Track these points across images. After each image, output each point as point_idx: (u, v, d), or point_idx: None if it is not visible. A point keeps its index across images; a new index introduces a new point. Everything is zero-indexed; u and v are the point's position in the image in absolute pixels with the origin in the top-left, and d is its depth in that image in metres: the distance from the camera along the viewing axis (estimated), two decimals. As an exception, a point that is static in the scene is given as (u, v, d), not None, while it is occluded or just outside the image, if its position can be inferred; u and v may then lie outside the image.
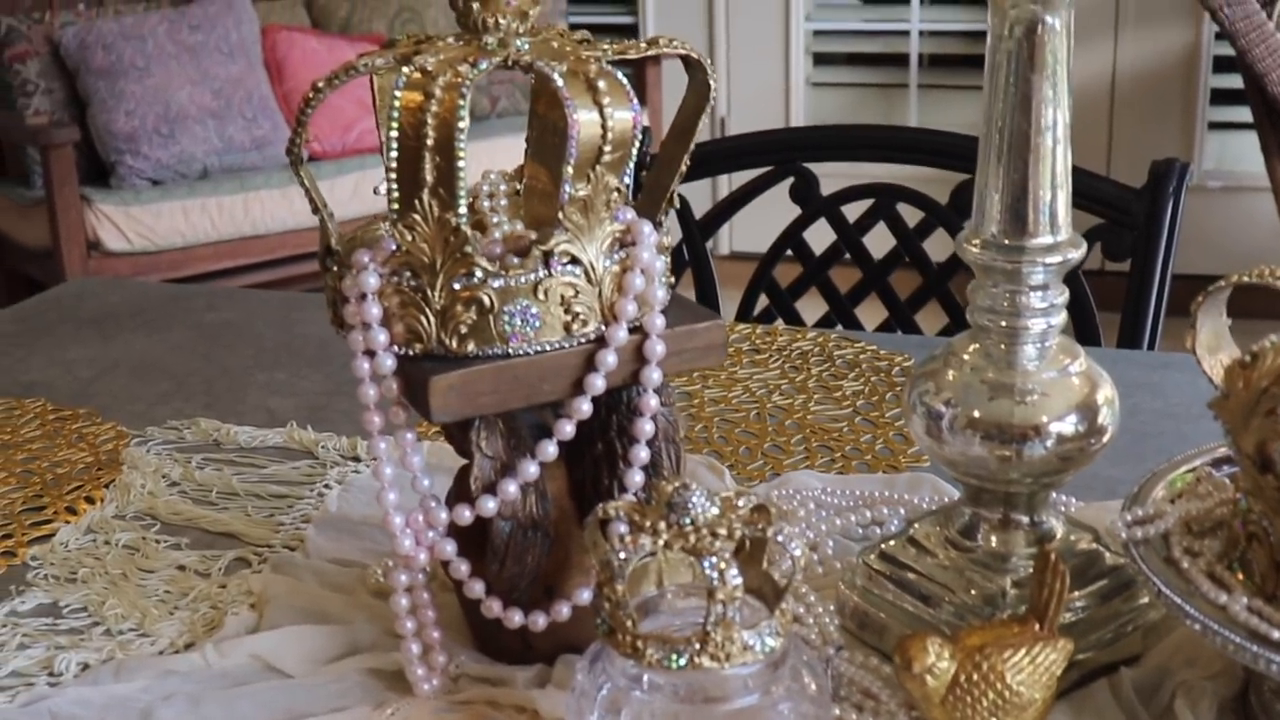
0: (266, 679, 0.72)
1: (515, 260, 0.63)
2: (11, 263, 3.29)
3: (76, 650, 0.75)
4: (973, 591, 0.70)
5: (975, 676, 0.61)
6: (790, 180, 1.43)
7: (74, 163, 2.97)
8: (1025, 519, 0.73)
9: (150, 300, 1.36)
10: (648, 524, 0.59)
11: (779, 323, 1.44)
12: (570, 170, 0.62)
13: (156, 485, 0.94)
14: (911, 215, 1.39)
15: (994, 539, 0.72)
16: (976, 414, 0.69)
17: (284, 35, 3.47)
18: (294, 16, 3.65)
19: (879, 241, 1.40)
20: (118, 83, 3.13)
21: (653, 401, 0.67)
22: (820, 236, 1.41)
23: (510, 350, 0.64)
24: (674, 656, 0.57)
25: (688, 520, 0.58)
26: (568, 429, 0.66)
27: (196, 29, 3.26)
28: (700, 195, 1.45)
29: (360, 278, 0.64)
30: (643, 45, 0.68)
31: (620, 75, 0.63)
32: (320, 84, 0.65)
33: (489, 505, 0.66)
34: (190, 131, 3.18)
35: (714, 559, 0.57)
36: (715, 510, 0.59)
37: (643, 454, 0.67)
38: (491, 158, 3.67)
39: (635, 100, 0.63)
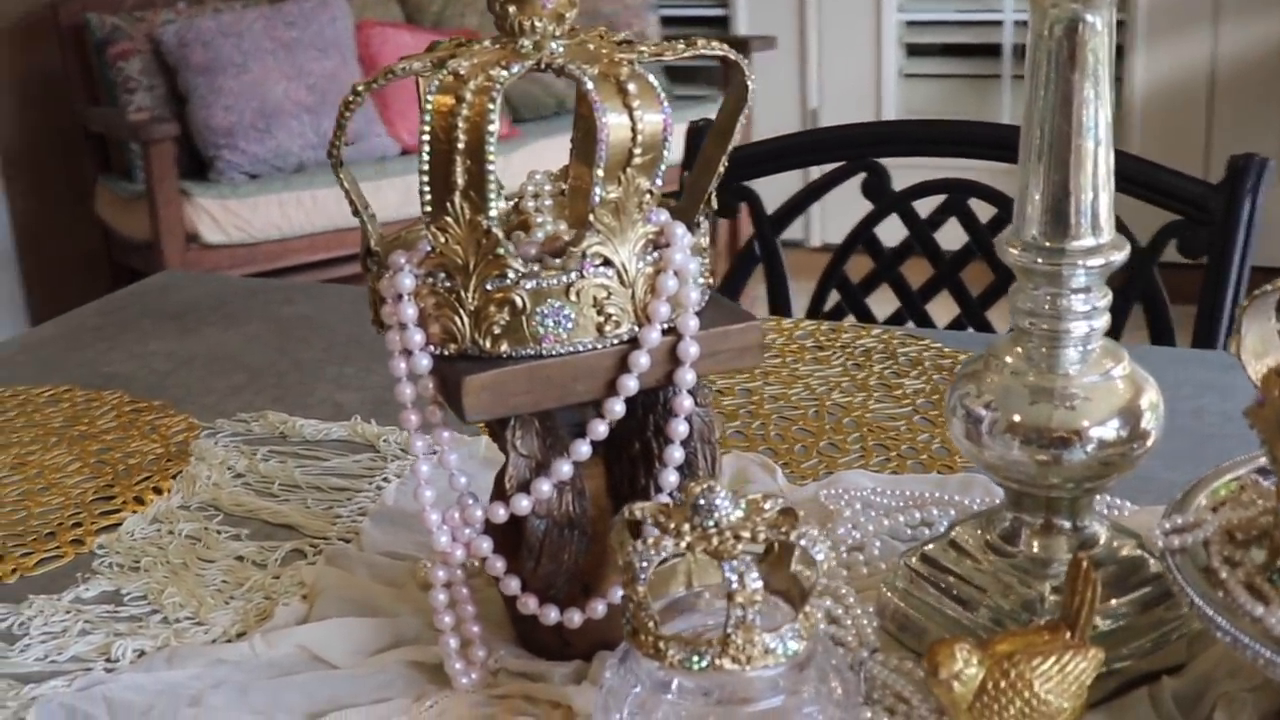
0: (313, 669, 0.74)
1: (548, 261, 0.64)
2: (116, 255, 3.38)
3: (134, 637, 0.77)
4: (1010, 597, 0.69)
5: (1003, 684, 0.60)
6: (862, 175, 1.42)
7: (173, 157, 3.04)
8: (1067, 524, 0.72)
9: (231, 294, 1.39)
10: (672, 525, 0.59)
11: (849, 319, 1.44)
12: (600, 173, 0.63)
13: (222, 476, 0.97)
14: (984, 210, 1.38)
15: (1035, 544, 0.72)
16: (1016, 418, 0.69)
17: (377, 30, 3.52)
18: (387, 12, 3.70)
19: (951, 237, 1.39)
20: (216, 79, 3.20)
21: (686, 402, 0.67)
22: (893, 232, 1.40)
23: (543, 351, 0.65)
24: (695, 658, 0.57)
25: (711, 522, 0.59)
26: (600, 429, 0.66)
27: (292, 25, 3.31)
28: (778, 189, 1.45)
29: (396, 279, 0.65)
30: (680, 46, 0.68)
31: (651, 78, 0.64)
32: (359, 87, 0.67)
33: (522, 504, 0.67)
34: (286, 126, 3.24)
35: (734, 562, 0.57)
36: (740, 513, 0.59)
37: (677, 454, 0.68)
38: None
39: (666, 103, 0.63)
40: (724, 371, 0.71)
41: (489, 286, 0.64)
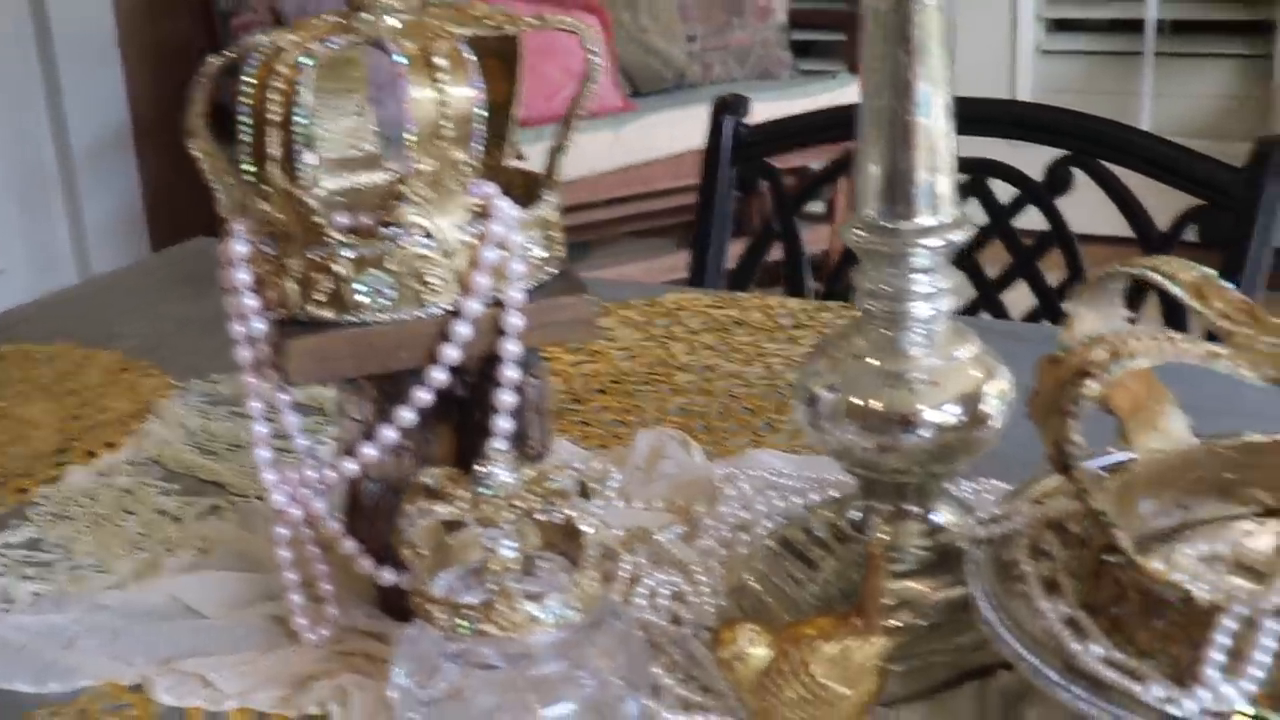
0: (186, 618, 0.76)
1: (371, 231, 0.65)
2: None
3: (37, 581, 0.81)
4: (841, 581, 0.68)
5: (784, 667, 0.60)
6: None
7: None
8: (918, 510, 0.70)
9: (254, 259, 1.44)
10: (452, 492, 0.60)
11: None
12: (411, 145, 0.63)
13: (173, 434, 1.00)
14: (1005, 191, 1.34)
15: (885, 530, 0.70)
16: (855, 401, 0.67)
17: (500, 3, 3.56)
18: (513, -15, 3.74)
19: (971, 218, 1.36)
20: (336, 50, 3.27)
21: (511, 373, 0.67)
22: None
23: (364, 318, 0.66)
24: (461, 623, 0.58)
25: (489, 491, 0.59)
26: (423, 396, 0.67)
27: (412, -2, 3.37)
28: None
29: (230, 244, 0.67)
30: (531, 21, 0.69)
31: (468, 53, 0.64)
32: (212, 61, 0.69)
33: (348, 467, 0.68)
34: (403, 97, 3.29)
35: (492, 531, 0.58)
36: (516, 484, 0.60)
37: (504, 424, 0.68)
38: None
39: (478, 79, 0.64)
40: (555, 344, 0.71)
41: (310, 255, 0.65)
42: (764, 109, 1.55)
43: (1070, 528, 0.63)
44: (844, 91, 3.66)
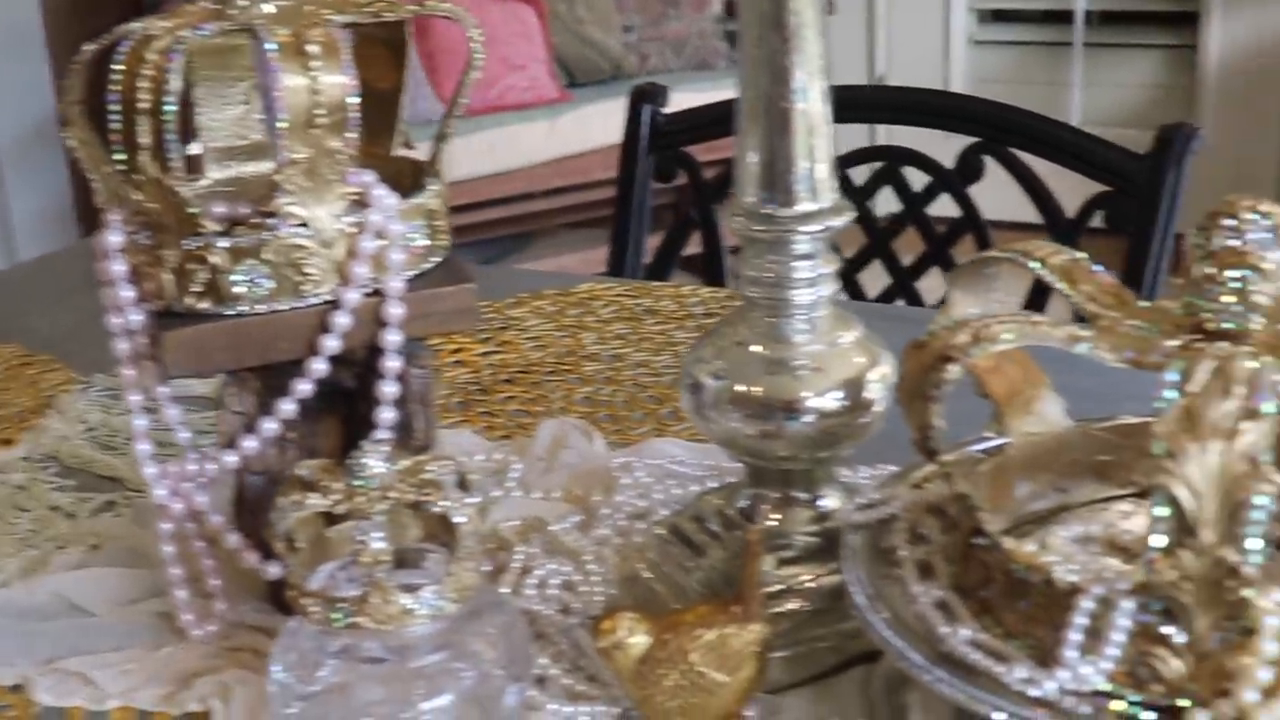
0: (73, 616, 0.75)
1: (248, 221, 0.65)
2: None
3: (-78, 581, 0.80)
4: (727, 569, 0.68)
5: (661, 654, 0.60)
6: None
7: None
8: (805, 496, 0.70)
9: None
10: (324, 484, 0.60)
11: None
12: (283, 133, 0.63)
13: (72, 429, 0.99)
14: (918, 179, 1.35)
15: (773, 517, 0.71)
16: (739, 388, 0.68)
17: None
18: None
19: (885, 206, 1.37)
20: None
21: (393, 364, 0.67)
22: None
23: (242, 310, 0.65)
24: (334, 615, 0.58)
25: (361, 482, 0.59)
26: (304, 388, 0.67)
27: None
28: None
29: (104, 235, 0.66)
30: (410, 8, 0.68)
31: (341, 40, 0.64)
32: (87, 48, 0.68)
33: (227, 459, 0.67)
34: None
35: (363, 523, 0.57)
36: (388, 476, 0.59)
37: (387, 415, 0.68)
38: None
39: (350, 65, 0.63)
40: (437, 334, 0.70)
41: (186, 245, 0.64)
42: (700, 99, 1.53)
43: (949, 511, 0.64)
44: (779, 82, 3.66)
